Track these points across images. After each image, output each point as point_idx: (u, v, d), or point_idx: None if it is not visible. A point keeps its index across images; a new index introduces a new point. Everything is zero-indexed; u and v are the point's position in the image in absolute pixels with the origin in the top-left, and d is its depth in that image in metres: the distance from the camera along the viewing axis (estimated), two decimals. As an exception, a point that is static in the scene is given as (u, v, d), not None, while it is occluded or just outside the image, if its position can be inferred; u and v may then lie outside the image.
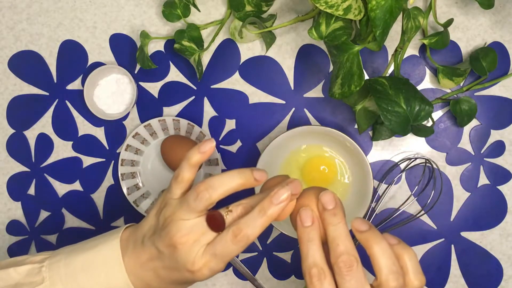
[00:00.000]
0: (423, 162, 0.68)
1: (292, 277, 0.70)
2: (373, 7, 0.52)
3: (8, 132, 0.73)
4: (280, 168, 0.68)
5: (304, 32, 0.69)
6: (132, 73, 0.70)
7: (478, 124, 0.68)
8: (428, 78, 0.68)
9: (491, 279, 0.68)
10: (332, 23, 0.57)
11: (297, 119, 0.69)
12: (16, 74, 0.72)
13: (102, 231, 0.72)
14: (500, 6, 0.67)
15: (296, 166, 0.68)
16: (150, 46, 0.70)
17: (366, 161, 0.63)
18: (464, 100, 0.64)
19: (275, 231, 0.70)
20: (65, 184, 0.72)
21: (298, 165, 0.68)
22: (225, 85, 0.70)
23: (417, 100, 0.58)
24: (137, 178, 0.71)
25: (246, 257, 0.70)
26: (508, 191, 0.68)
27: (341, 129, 0.64)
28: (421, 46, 0.68)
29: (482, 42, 0.67)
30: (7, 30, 0.72)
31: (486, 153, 0.68)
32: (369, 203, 0.64)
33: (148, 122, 0.69)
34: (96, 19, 0.71)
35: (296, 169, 0.68)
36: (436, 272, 0.68)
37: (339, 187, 0.67)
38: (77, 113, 0.72)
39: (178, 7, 0.67)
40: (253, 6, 0.65)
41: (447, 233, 0.68)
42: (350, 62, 0.55)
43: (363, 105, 0.65)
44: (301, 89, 0.69)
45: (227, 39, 0.70)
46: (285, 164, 0.68)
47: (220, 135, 0.70)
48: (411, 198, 0.68)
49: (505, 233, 0.68)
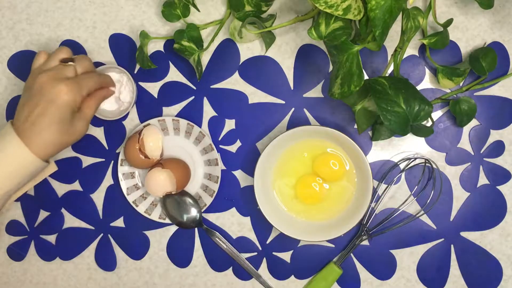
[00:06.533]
0: (423, 162, 0.68)
1: (292, 277, 0.70)
2: (373, 7, 0.52)
3: (8, 132, 0.72)
4: (280, 168, 0.68)
5: (304, 32, 0.69)
6: (131, 73, 0.70)
7: (478, 124, 0.68)
8: (428, 78, 0.68)
9: (490, 279, 0.68)
10: (332, 23, 0.57)
11: (296, 119, 0.69)
12: (15, 74, 0.72)
13: (102, 231, 0.72)
14: (500, 6, 0.67)
15: (300, 164, 0.68)
16: (150, 46, 0.70)
17: (365, 161, 0.63)
18: (463, 100, 0.64)
19: (275, 231, 0.70)
20: (64, 184, 0.72)
21: (304, 163, 0.67)
22: (225, 85, 0.70)
23: (416, 100, 0.58)
24: (136, 178, 0.71)
25: (246, 257, 0.70)
26: (507, 191, 0.68)
27: (340, 129, 0.64)
28: (421, 46, 0.68)
29: (482, 42, 0.67)
30: (7, 30, 0.72)
31: (486, 153, 0.68)
32: (368, 203, 0.64)
33: (148, 122, 0.69)
34: (95, 19, 0.71)
35: (301, 167, 0.68)
36: (436, 272, 0.68)
37: (350, 177, 0.67)
38: (77, 113, 0.72)
39: (177, 7, 0.67)
40: (252, 6, 0.65)
41: (447, 233, 0.68)
42: (350, 62, 0.55)
43: (363, 105, 0.65)
44: (300, 89, 0.69)
45: (227, 39, 0.70)
46: (285, 164, 0.68)
47: (220, 135, 0.70)
48: (410, 198, 0.68)
49: (504, 233, 0.68)
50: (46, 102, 0.58)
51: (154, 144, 0.68)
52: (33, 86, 0.59)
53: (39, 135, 0.58)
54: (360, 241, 0.68)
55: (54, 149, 0.60)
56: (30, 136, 0.58)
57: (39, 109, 0.58)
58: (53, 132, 0.58)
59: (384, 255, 0.69)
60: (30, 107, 0.58)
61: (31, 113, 0.58)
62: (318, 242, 0.69)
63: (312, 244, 0.70)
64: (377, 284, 0.69)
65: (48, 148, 0.59)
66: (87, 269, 0.72)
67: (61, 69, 0.60)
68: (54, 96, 0.58)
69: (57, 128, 0.58)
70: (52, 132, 0.58)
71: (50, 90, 0.58)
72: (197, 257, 0.71)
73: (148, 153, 0.68)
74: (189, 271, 0.71)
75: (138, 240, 0.71)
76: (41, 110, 0.58)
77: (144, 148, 0.68)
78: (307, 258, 0.70)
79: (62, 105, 0.58)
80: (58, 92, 0.58)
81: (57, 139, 0.59)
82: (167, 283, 0.71)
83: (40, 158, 0.59)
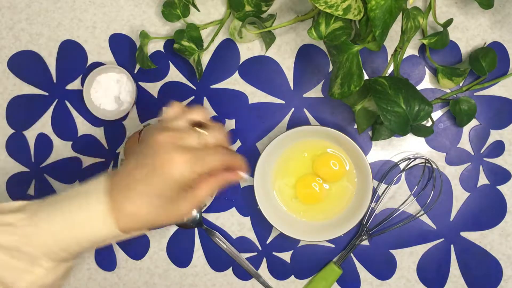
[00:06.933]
0: (423, 162, 0.68)
1: (291, 277, 0.70)
2: (373, 7, 0.52)
3: (8, 132, 0.72)
4: (280, 168, 0.68)
5: (304, 32, 0.69)
6: (131, 73, 0.70)
7: (478, 124, 0.68)
8: (428, 78, 0.68)
9: (490, 279, 0.68)
10: (332, 23, 0.57)
11: (296, 119, 0.69)
12: (15, 74, 0.72)
13: (102, 231, 0.72)
14: (500, 6, 0.67)
15: (300, 164, 0.68)
16: (150, 46, 0.70)
17: (365, 161, 0.63)
18: (463, 100, 0.64)
19: (275, 231, 0.70)
20: (64, 184, 0.72)
21: (304, 163, 0.68)
22: (225, 85, 0.70)
23: (416, 100, 0.58)
24: (136, 178, 0.71)
25: (246, 257, 0.70)
26: (507, 191, 0.68)
27: (340, 129, 0.64)
28: (421, 46, 0.68)
29: (482, 42, 0.67)
30: (7, 30, 0.72)
31: (486, 153, 0.68)
32: (368, 203, 0.64)
33: (148, 122, 0.69)
34: (95, 19, 0.71)
35: (301, 167, 0.68)
36: (436, 272, 0.68)
37: (350, 177, 0.67)
38: (77, 113, 0.72)
39: (177, 7, 0.67)
40: (252, 6, 0.65)
41: (447, 233, 0.68)
42: (350, 62, 0.55)
43: (363, 105, 0.65)
44: (300, 89, 0.69)
45: (227, 39, 0.70)
46: (285, 164, 0.68)
47: (220, 135, 0.70)
48: (410, 198, 0.68)
49: (504, 233, 0.68)
50: (153, 168, 0.46)
51: None
52: (148, 141, 0.47)
53: (132, 204, 0.46)
54: (360, 241, 0.68)
55: (143, 225, 0.47)
56: (122, 201, 0.46)
57: (142, 173, 0.46)
58: (148, 206, 0.46)
59: (384, 255, 0.69)
60: (134, 165, 0.47)
61: (133, 173, 0.47)
62: (318, 242, 0.69)
63: (312, 244, 0.70)
64: (377, 284, 0.69)
65: (136, 222, 0.47)
66: (87, 269, 0.72)
67: (186, 134, 0.48)
68: (164, 164, 0.46)
69: (155, 203, 0.46)
70: (147, 206, 0.46)
71: (163, 155, 0.46)
72: (197, 257, 0.71)
73: None
74: (189, 271, 0.71)
75: (138, 240, 0.71)
76: (144, 175, 0.46)
77: None
78: (307, 258, 0.70)
79: (168, 177, 0.46)
80: (169, 160, 0.46)
81: (150, 215, 0.46)
82: (167, 283, 0.71)
83: (123, 231, 0.46)
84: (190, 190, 0.48)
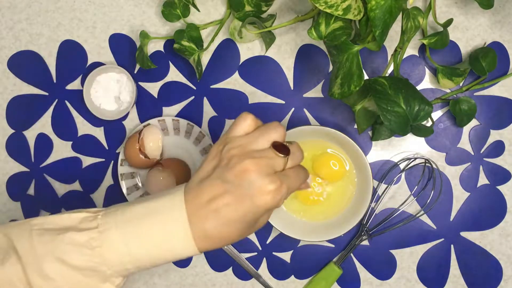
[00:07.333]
0: (423, 162, 0.68)
1: (291, 277, 0.70)
2: (373, 7, 0.52)
3: (8, 132, 0.72)
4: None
5: (304, 32, 0.69)
6: (131, 73, 0.70)
7: (478, 124, 0.68)
8: (428, 78, 0.68)
9: (490, 279, 0.68)
10: (332, 23, 0.57)
11: (296, 119, 0.69)
12: (15, 74, 0.72)
13: (102, 231, 0.72)
14: (500, 6, 0.67)
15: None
16: (150, 46, 0.70)
17: (365, 161, 0.63)
18: (463, 100, 0.64)
19: (275, 231, 0.70)
20: (64, 184, 0.72)
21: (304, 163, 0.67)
22: (225, 85, 0.70)
23: (416, 100, 0.58)
24: (136, 178, 0.71)
25: (246, 257, 0.70)
26: (507, 191, 0.68)
27: (340, 129, 0.64)
28: (421, 46, 0.68)
29: (482, 42, 0.67)
30: (7, 30, 0.72)
31: (486, 153, 0.68)
32: (368, 203, 0.64)
33: (148, 122, 0.69)
34: (95, 19, 0.71)
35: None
36: (436, 272, 0.68)
37: (350, 178, 0.67)
38: (77, 113, 0.72)
39: (177, 7, 0.67)
40: (252, 6, 0.65)
41: (447, 233, 0.68)
42: (350, 62, 0.55)
43: (363, 105, 0.65)
44: (300, 89, 0.69)
45: (227, 39, 0.70)
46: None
47: (220, 135, 0.70)
48: (410, 198, 0.68)
49: (504, 233, 0.68)
50: (243, 196, 0.45)
51: (154, 144, 0.68)
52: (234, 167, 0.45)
53: (216, 228, 0.45)
54: (360, 241, 0.68)
55: (221, 244, 0.47)
56: (203, 223, 0.45)
57: (231, 199, 0.45)
58: (233, 231, 0.46)
59: (384, 255, 0.69)
60: (219, 189, 0.45)
61: (219, 198, 0.45)
62: (318, 242, 0.69)
63: (312, 244, 0.70)
64: (377, 284, 0.69)
65: (217, 244, 0.46)
66: (87, 269, 0.72)
67: (273, 160, 0.46)
68: (257, 193, 0.45)
69: (240, 228, 0.46)
70: (232, 230, 0.46)
71: (254, 183, 0.45)
72: (197, 257, 0.71)
73: (148, 153, 0.68)
74: (189, 271, 0.71)
75: (138, 240, 0.71)
76: (233, 201, 0.45)
77: (144, 148, 0.68)
78: (307, 258, 0.70)
79: (261, 208, 0.45)
80: (263, 190, 0.45)
81: (231, 237, 0.46)
82: (167, 283, 0.71)
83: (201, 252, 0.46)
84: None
